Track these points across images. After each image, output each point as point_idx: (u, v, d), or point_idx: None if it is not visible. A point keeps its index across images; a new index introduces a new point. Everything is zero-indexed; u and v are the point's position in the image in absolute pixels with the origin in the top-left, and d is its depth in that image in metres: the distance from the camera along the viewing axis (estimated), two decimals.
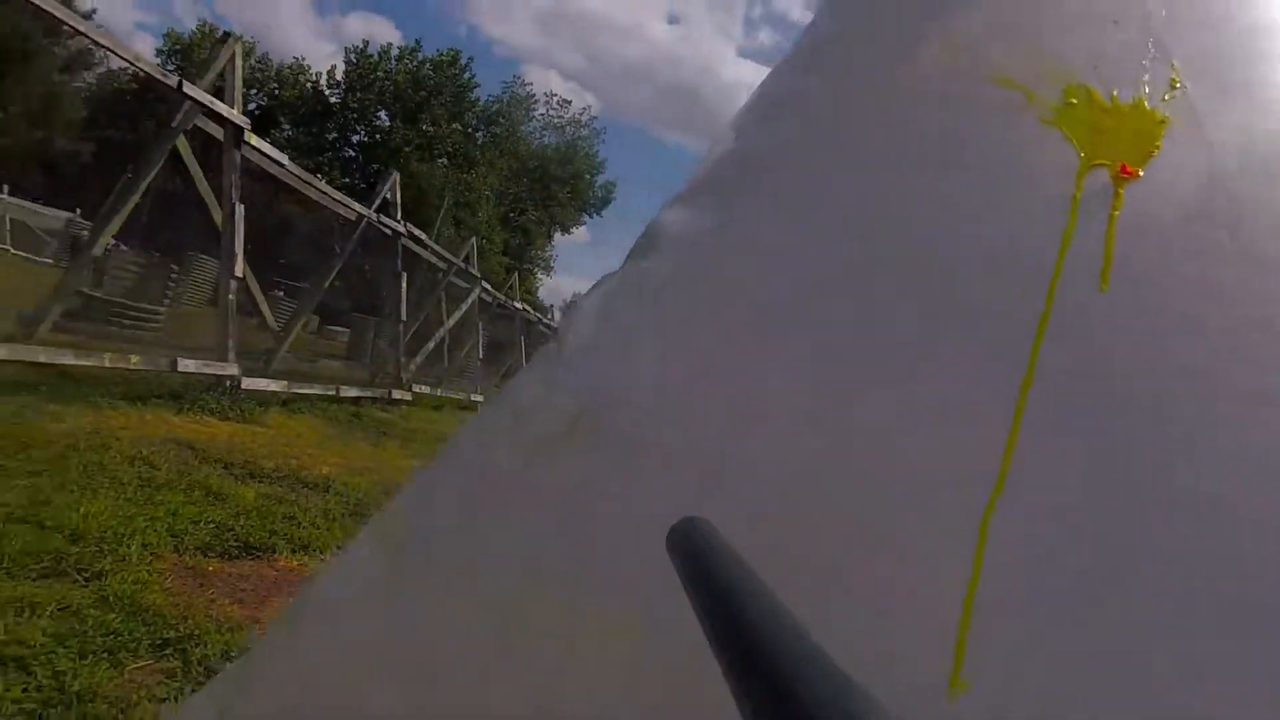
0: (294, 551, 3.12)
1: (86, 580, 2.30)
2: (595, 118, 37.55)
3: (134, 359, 5.14)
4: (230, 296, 6.00)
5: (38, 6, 4.08)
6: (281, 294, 13.94)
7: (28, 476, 2.95)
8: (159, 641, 2.07)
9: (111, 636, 2.00)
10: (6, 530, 2.36)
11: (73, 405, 4.30)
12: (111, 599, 2.19)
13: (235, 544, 2.99)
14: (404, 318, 8.80)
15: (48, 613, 2.00)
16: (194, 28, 31.79)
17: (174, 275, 12.91)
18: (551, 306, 19.68)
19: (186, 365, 5.48)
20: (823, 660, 0.18)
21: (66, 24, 4.55)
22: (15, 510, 2.54)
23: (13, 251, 17.64)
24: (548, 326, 16.87)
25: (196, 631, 2.15)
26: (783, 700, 0.17)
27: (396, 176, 8.44)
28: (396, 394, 8.49)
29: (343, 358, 13.49)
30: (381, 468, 5.28)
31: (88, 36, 4.67)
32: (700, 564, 0.25)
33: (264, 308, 8.11)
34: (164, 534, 2.82)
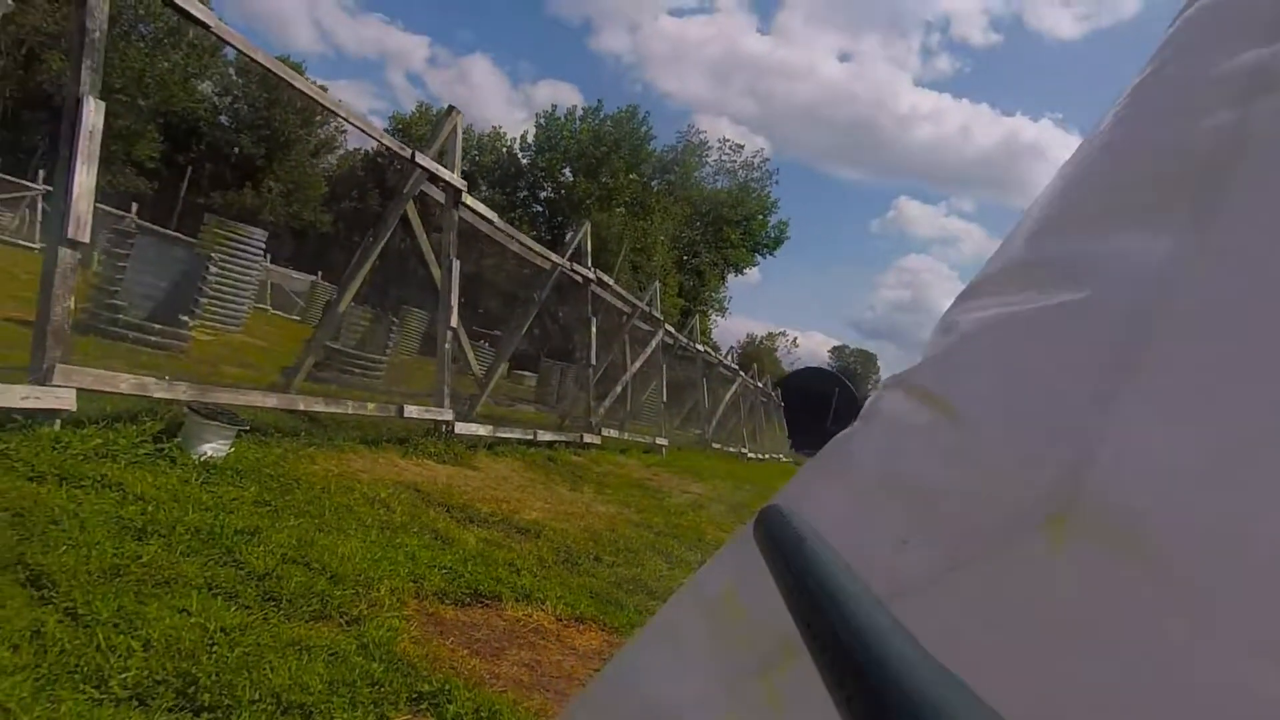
0: (518, 600, 3.12)
1: (347, 624, 2.40)
2: (768, 160, 37.61)
3: (370, 406, 5.66)
4: (445, 346, 6.48)
5: (306, 95, 4.71)
6: (481, 342, 15.15)
7: (295, 517, 3.23)
8: (415, 695, 2.07)
9: (375, 687, 2.02)
10: (284, 571, 2.54)
11: (323, 449, 4.77)
12: (370, 646, 2.24)
13: (465, 590, 3.04)
14: (594, 362, 9.06)
15: (321, 658, 2.07)
16: (413, 109, 36.56)
17: (394, 327, 14.49)
18: (731, 349, 19.52)
19: (411, 411, 5.95)
20: (916, 651, 0.18)
21: (331, 110, 5.23)
22: (289, 551, 2.75)
23: (271, 310, 21.03)
24: (727, 368, 16.72)
25: (446, 686, 2.14)
26: (875, 690, 0.17)
27: (589, 226, 8.81)
28: (587, 438, 8.70)
29: (531, 401, 14.27)
30: (584, 513, 5.31)
31: (349, 120, 5.31)
32: (788, 553, 0.25)
33: (470, 355, 8.74)
34: (405, 579, 2.93)
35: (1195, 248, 0.41)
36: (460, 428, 6.48)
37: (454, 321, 6.41)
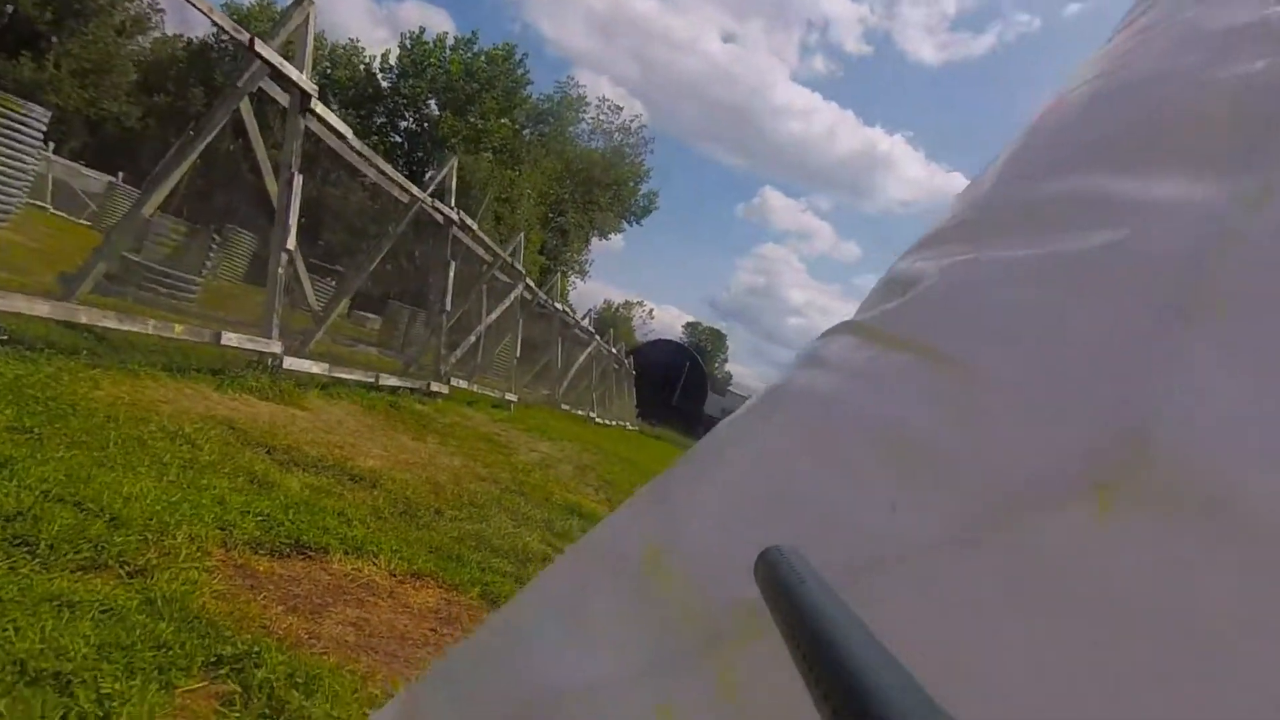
0: (348, 553, 2.81)
1: (130, 576, 1.99)
2: (645, 126, 37.50)
3: (178, 329, 4.88)
4: (280, 270, 5.75)
5: None
6: (328, 279, 13.78)
7: (66, 448, 2.66)
8: (214, 659, 1.75)
9: (161, 651, 1.68)
10: (45, 511, 2.06)
11: (111, 372, 4.03)
12: (159, 602, 1.87)
13: (285, 541, 2.68)
14: (448, 308, 8.53)
15: (90, 616, 1.68)
16: (252, 1, 32.04)
17: (214, 246, 12.81)
18: (590, 311, 19.34)
19: (230, 339, 5.22)
20: (919, 694, 0.18)
21: None
22: (53, 487, 2.24)
23: (52, 210, 17.72)
24: (583, 331, 16.59)
25: (255, 648, 1.83)
26: None
27: (455, 162, 8.20)
28: (435, 386, 8.21)
29: (374, 344, 13.29)
30: (426, 464, 4.97)
31: None
32: (790, 594, 0.25)
33: (307, 286, 7.88)
34: (211, 525, 2.51)
35: (1257, 190, 0.37)
36: (290, 363, 5.81)
37: (291, 243, 5.69)
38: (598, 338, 18.59)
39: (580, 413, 18.14)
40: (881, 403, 0.58)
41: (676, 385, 48.80)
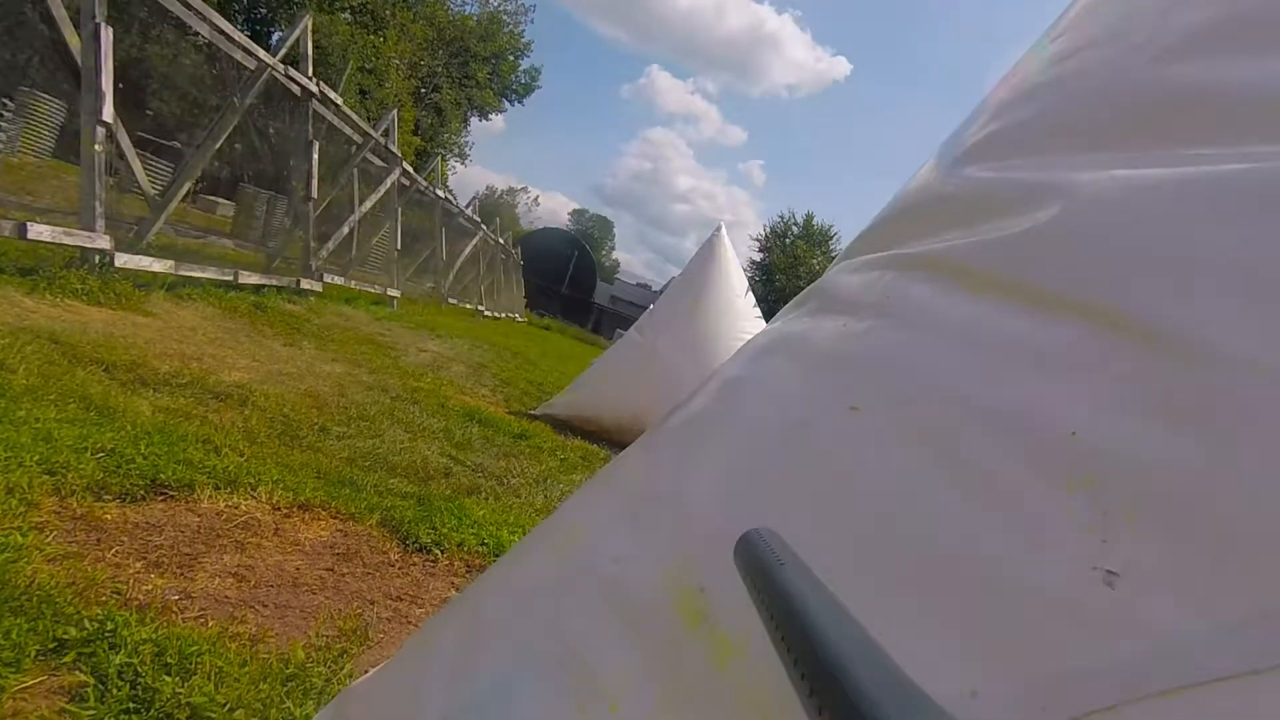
0: (219, 488, 2.45)
1: None
2: None
3: None
4: (96, 148, 4.76)
5: None
6: (149, 154, 11.84)
7: None
8: (54, 645, 1.44)
9: None
10: None
11: None
12: None
13: (138, 481, 2.29)
14: (314, 195, 7.58)
15: None
16: None
17: (5, 114, 10.66)
18: (474, 198, 17.97)
19: (40, 232, 4.33)
20: (893, 673, 0.18)
21: None
22: None
23: None
24: (468, 220, 15.55)
25: (109, 625, 1.53)
26: (854, 714, 0.17)
27: (309, 21, 7.01)
28: (305, 283, 7.42)
29: (228, 234, 11.82)
30: (304, 374, 4.49)
31: None
32: (769, 575, 0.25)
33: (137, 166, 6.66)
34: (35, 470, 2.08)
35: None
36: (125, 260, 4.97)
37: (107, 114, 4.70)
38: (484, 227, 17.57)
39: (468, 306, 17.41)
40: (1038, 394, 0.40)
41: (565, 274, 48.03)
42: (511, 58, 32.35)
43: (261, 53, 6.40)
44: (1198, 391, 0.33)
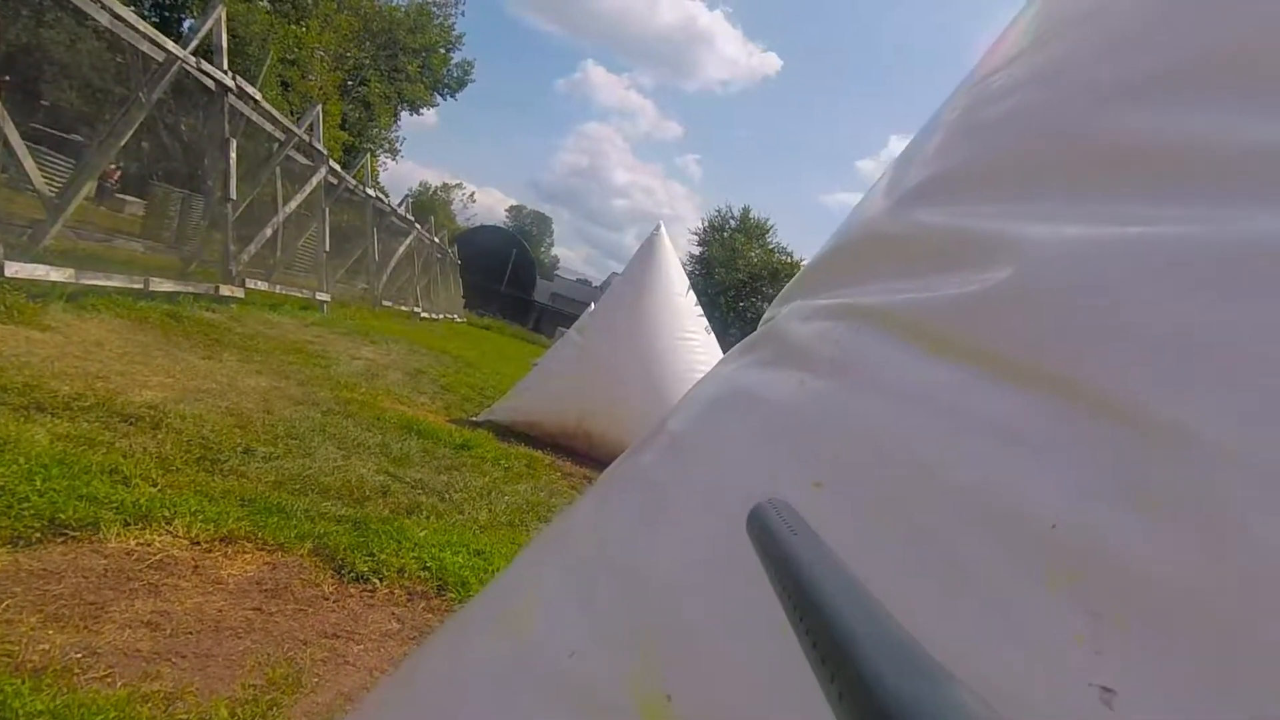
0: (128, 524, 2.25)
1: None
2: None
3: None
4: None
5: None
6: (46, 150, 10.96)
7: None
8: None
9: None
10: None
11: None
12: None
13: (34, 521, 2.07)
14: (233, 195, 7.16)
15: None
16: None
17: None
18: (406, 196, 17.34)
19: None
20: (905, 642, 0.18)
21: None
22: None
23: None
24: (401, 219, 15.04)
25: None
26: (866, 684, 0.17)
27: (223, 11, 6.59)
28: (226, 290, 7.00)
29: (139, 236, 11.08)
30: (226, 390, 4.22)
31: None
32: (782, 547, 0.25)
33: (28, 163, 6.12)
34: None
35: None
36: (16, 269, 4.55)
37: None
38: (418, 226, 17.05)
39: (404, 308, 16.90)
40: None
41: (504, 273, 47.28)
42: (443, 51, 31.49)
43: (170, 44, 5.98)
44: (1180, 482, 0.31)
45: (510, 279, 47.70)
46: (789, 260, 40.59)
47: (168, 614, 1.90)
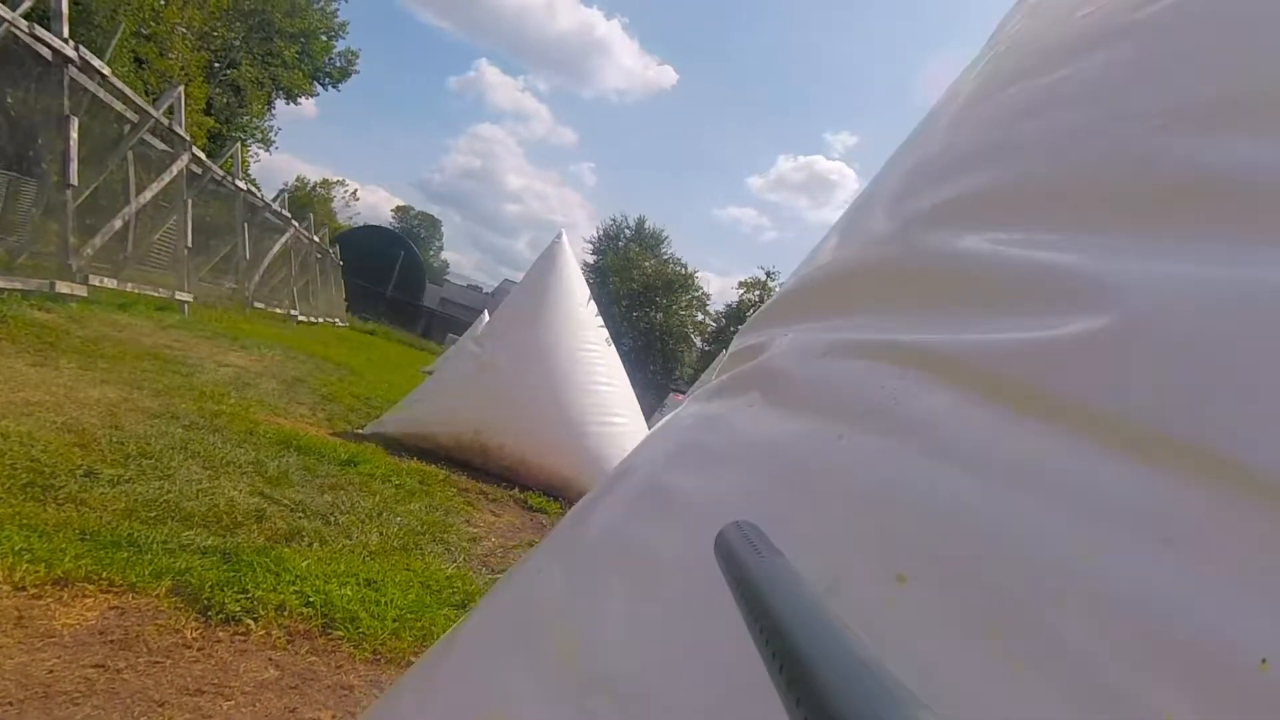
0: None
1: None
2: None
3: None
4: None
5: None
6: None
7: None
8: None
9: None
10: None
11: None
12: None
13: None
14: (73, 181, 6.31)
15: None
16: None
17: None
18: (282, 191, 16.04)
19: None
20: (872, 667, 0.18)
21: None
22: None
23: None
24: (276, 215, 13.93)
25: None
26: (830, 710, 0.17)
27: None
28: (63, 287, 6.15)
29: None
30: (62, 402, 3.67)
31: None
32: (748, 571, 0.24)
33: None
34: None
35: None
36: None
37: None
38: (295, 223, 15.88)
39: (279, 310, 15.67)
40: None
41: (391, 276, 45.15)
42: (324, 38, 29.71)
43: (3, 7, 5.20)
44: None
45: (397, 282, 45.61)
46: (683, 271, 41.47)
47: None
